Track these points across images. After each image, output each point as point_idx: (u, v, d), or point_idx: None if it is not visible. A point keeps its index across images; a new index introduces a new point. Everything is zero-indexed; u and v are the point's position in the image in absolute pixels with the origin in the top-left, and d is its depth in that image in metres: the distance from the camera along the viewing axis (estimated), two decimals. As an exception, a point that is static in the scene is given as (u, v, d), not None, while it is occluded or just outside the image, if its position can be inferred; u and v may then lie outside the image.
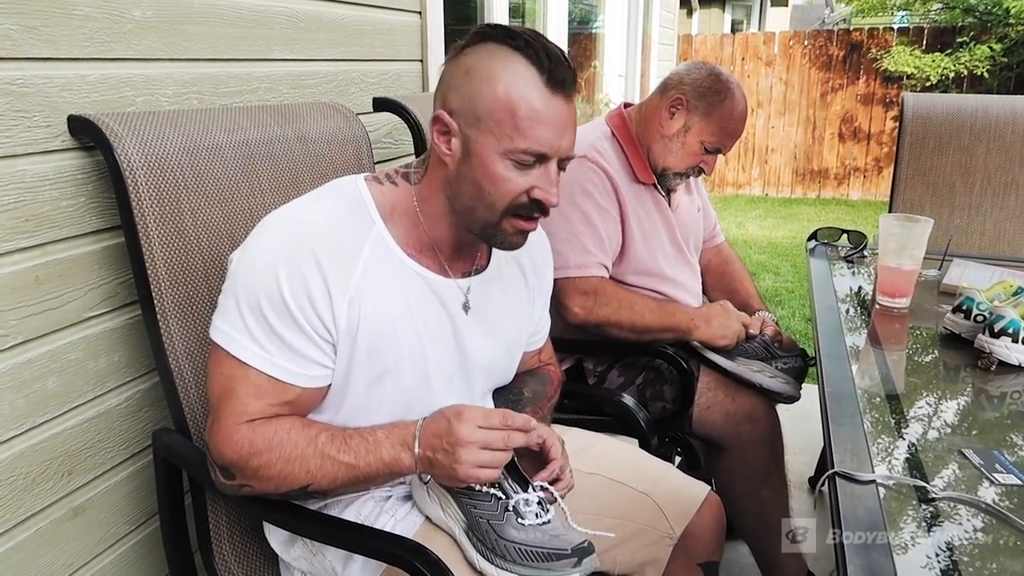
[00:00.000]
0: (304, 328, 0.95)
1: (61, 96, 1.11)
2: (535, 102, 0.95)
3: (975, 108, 2.31)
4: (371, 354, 1.00)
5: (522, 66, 0.95)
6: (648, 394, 1.72)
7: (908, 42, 7.41)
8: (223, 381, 0.97)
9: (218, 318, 0.98)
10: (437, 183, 1.02)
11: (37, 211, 1.09)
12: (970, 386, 1.26)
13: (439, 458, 0.97)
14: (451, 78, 0.99)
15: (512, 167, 0.97)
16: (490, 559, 0.99)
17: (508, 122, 0.95)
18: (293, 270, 0.94)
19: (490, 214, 0.99)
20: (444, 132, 0.98)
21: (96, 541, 1.24)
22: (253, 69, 1.49)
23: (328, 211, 1.01)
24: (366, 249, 0.99)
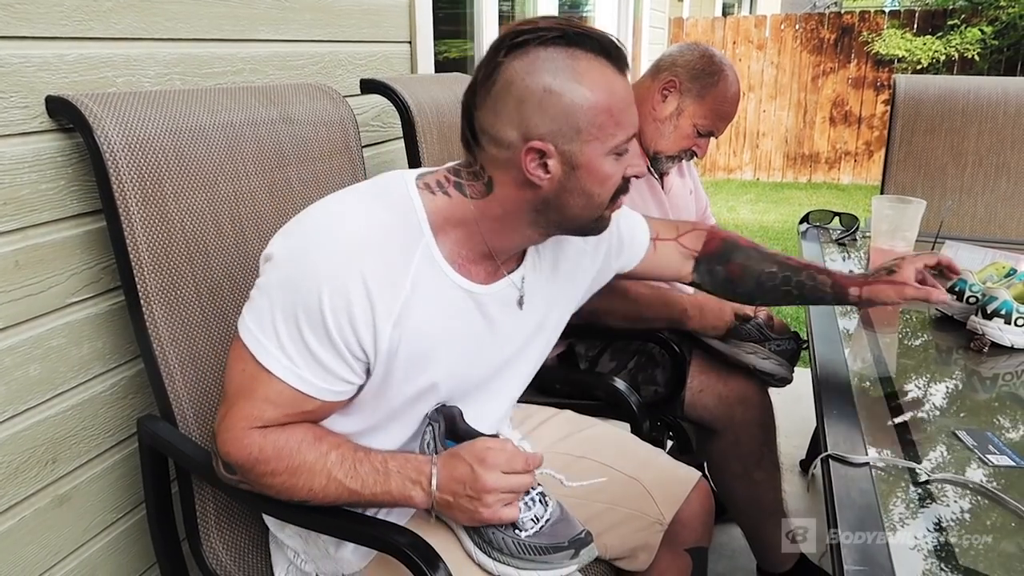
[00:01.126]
0: (338, 347, 0.90)
1: (38, 76, 1.09)
2: (618, 91, 0.92)
3: (967, 90, 2.30)
4: (408, 372, 0.97)
5: (593, 61, 0.91)
6: (640, 378, 1.72)
7: (899, 25, 7.40)
8: (243, 378, 0.92)
9: (249, 315, 0.92)
10: (517, 204, 0.95)
11: (15, 195, 1.07)
12: (963, 368, 1.26)
13: (462, 503, 0.95)
14: (525, 102, 0.90)
15: (615, 160, 0.95)
16: (487, 551, 0.98)
17: (608, 122, 0.92)
18: (338, 289, 0.88)
19: (597, 211, 0.98)
20: (538, 158, 0.91)
21: (82, 530, 1.23)
22: (238, 50, 1.46)
23: (379, 222, 0.93)
24: (413, 266, 0.93)
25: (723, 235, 1.34)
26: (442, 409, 1.03)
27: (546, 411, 1.35)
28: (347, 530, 1.01)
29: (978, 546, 0.80)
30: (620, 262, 1.27)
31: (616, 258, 1.25)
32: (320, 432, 0.96)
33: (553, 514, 1.01)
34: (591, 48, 0.91)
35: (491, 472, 0.95)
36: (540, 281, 1.09)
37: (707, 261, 1.32)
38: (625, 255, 1.27)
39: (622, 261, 1.27)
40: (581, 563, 0.98)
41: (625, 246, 1.26)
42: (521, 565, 0.97)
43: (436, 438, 1.02)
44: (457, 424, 1.03)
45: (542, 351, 1.17)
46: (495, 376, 1.09)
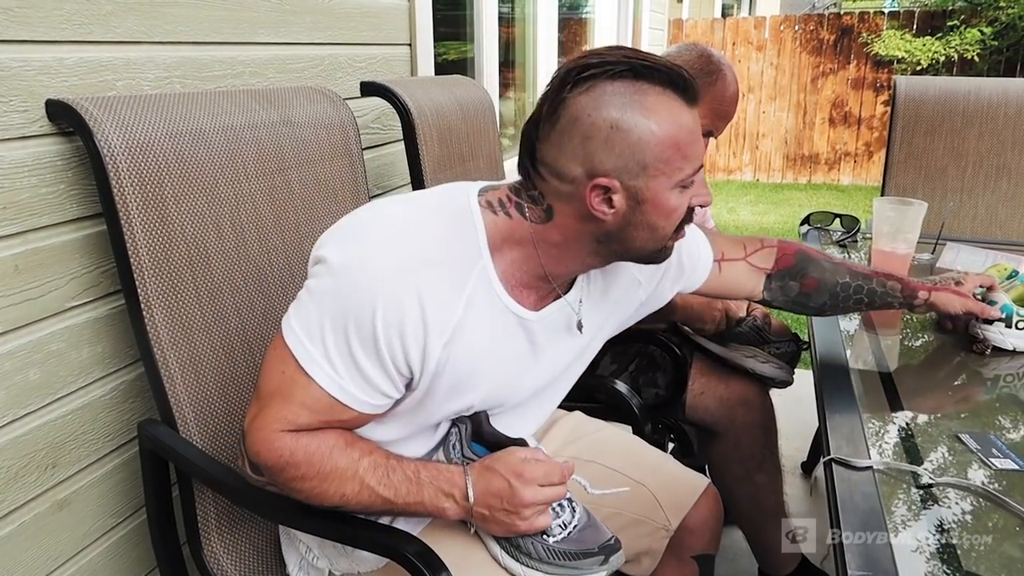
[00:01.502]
0: (385, 362, 0.89)
1: (38, 80, 1.08)
2: (687, 125, 0.91)
3: (967, 91, 2.30)
4: (450, 393, 0.96)
5: (661, 96, 0.89)
6: (641, 380, 1.71)
7: (898, 26, 7.40)
8: (282, 380, 0.90)
9: (295, 319, 0.90)
10: (579, 234, 0.94)
11: (15, 198, 1.07)
12: (965, 370, 1.26)
13: (498, 516, 0.95)
14: (591, 139, 0.88)
15: (680, 192, 0.93)
16: (514, 555, 0.97)
17: (676, 157, 0.90)
18: (393, 304, 0.86)
19: (661, 243, 0.96)
20: (602, 193, 0.90)
21: (82, 534, 1.22)
22: (238, 53, 1.46)
23: (440, 238, 0.92)
24: (469, 286, 0.92)
25: (795, 249, 1.32)
26: (468, 416, 1.03)
27: (555, 412, 1.35)
28: (354, 536, 1.00)
29: (981, 550, 0.80)
30: (680, 286, 1.25)
31: (674, 283, 1.23)
32: (351, 438, 0.95)
33: (581, 520, 1.00)
34: (659, 81, 0.89)
35: (529, 487, 0.94)
36: (589, 307, 1.08)
37: (780, 277, 1.30)
38: (685, 280, 1.25)
39: (682, 285, 1.25)
40: (610, 569, 0.98)
41: (686, 272, 1.23)
42: (550, 571, 0.97)
43: (462, 440, 1.01)
44: (483, 427, 1.02)
45: (579, 373, 1.17)
46: (532, 398, 1.09)
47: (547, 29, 3.76)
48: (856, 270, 1.29)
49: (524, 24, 3.81)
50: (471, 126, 2.00)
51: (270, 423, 0.91)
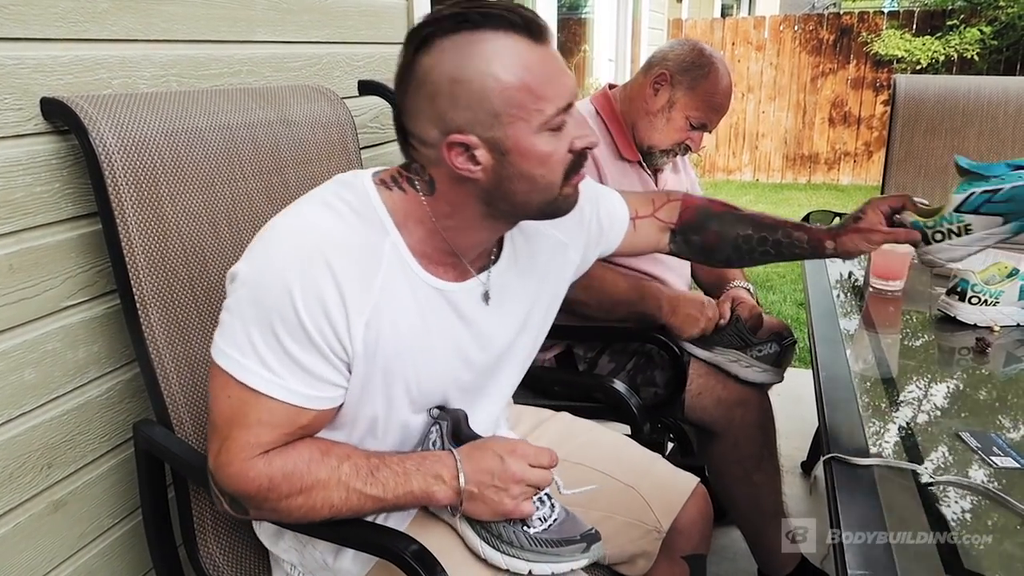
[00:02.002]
0: (321, 348, 0.88)
1: (33, 78, 1.08)
2: (537, 63, 0.87)
3: (967, 90, 2.29)
4: (387, 375, 0.95)
5: (502, 39, 0.86)
6: (639, 380, 1.71)
7: (898, 25, 7.40)
8: (231, 405, 0.89)
9: (221, 339, 0.89)
10: (461, 198, 0.93)
11: (10, 197, 1.06)
12: (966, 369, 1.25)
13: (488, 494, 0.94)
14: (436, 97, 0.87)
15: (551, 136, 0.89)
16: (495, 546, 0.97)
17: (528, 99, 0.86)
18: (308, 285, 0.86)
19: (550, 192, 0.93)
20: (463, 152, 0.88)
21: (78, 535, 1.22)
22: (235, 51, 1.46)
23: (339, 218, 0.91)
24: (384, 264, 0.91)
25: (697, 204, 1.32)
26: (448, 410, 1.03)
27: (541, 413, 1.34)
28: (349, 537, 1.00)
29: (982, 548, 0.79)
30: (601, 248, 1.25)
31: (596, 245, 1.23)
32: (325, 446, 0.94)
33: (560, 515, 1.00)
34: (498, 26, 0.86)
35: (519, 461, 0.95)
36: (517, 277, 1.07)
37: (682, 232, 1.31)
38: (605, 240, 1.25)
39: (603, 246, 1.25)
40: (591, 558, 0.98)
41: (605, 231, 1.23)
42: (532, 558, 0.96)
43: (443, 437, 1.01)
44: (461, 427, 1.02)
45: (530, 350, 1.15)
46: (483, 377, 1.07)
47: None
48: (762, 221, 1.27)
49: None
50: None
51: (236, 455, 0.89)
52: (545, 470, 0.98)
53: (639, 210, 1.30)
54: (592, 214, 1.19)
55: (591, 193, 1.19)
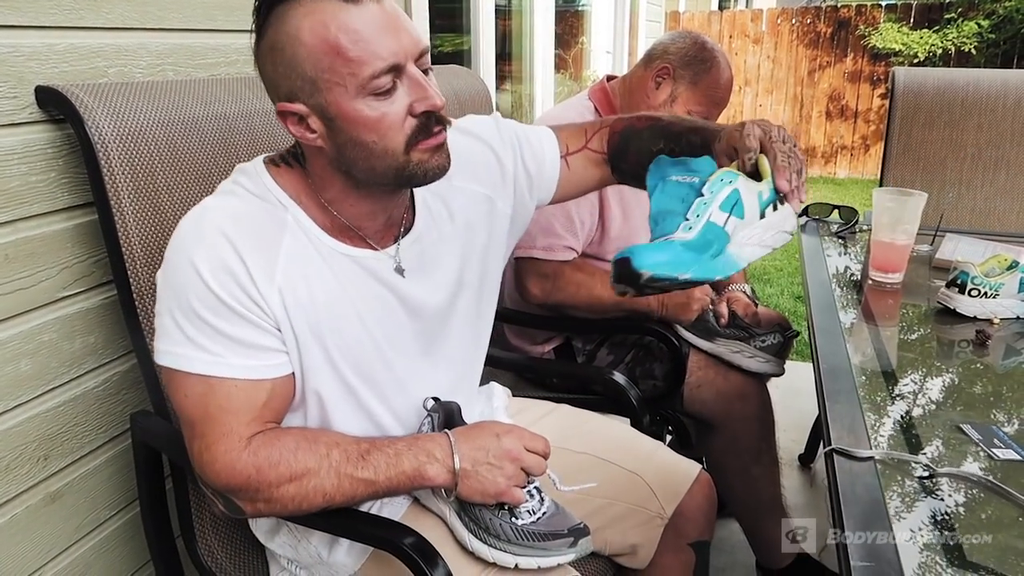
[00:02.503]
0: (244, 315, 0.88)
1: (28, 66, 1.07)
2: (347, 23, 0.83)
3: (966, 83, 2.28)
4: (318, 344, 0.94)
5: (312, 3, 0.84)
6: (638, 372, 1.70)
7: (896, 19, 7.38)
8: (191, 404, 0.89)
9: (159, 341, 0.90)
10: (323, 168, 0.93)
11: (5, 187, 1.05)
12: (966, 361, 1.25)
13: (481, 472, 0.94)
14: (264, 67, 0.89)
15: (376, 101, 0.86)
16: (483, 538, 0.97)
17: (339, 61, 0.83)
18: (212, 259, 0.86)
19: (392, 159, 0.89)
20: (298, 121, 0.88)
21: (75, 527, 1.21)
22: (231, 40, 1.44)
23: (237, 198, 0.93)
24: (287, 236, 0.92)
25: (623, 125, 1.18)
26: (442, 403, 1.02)
27: (543, 406, 1.34)
28: (340, 526, 1.00)
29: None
30: (538, 193, 1.18)
31: (530, 192, 1.17)
32: (312, 434, 0.94)
33: (549, 509, 1.00)
34: None
35: (515, 440, 0.96)
36: (440, 240, 1.06)
37: (612, 160, 1.19)
38: (538, 186, 1.17)
39: (540, 192, 1.18)
40: (579, 553, 0.98)
41: (534, 176, 1.16)
42: (518, 551, 0.96)
43: (435, 428, 1.01)
44: (454, 419, 1.02)
45: (476, 307, 1.13)
46: (425, 341, 1.06)
47: (544, 21, 3.74)
48: (670, 130, 1.12)
49: (521, 16, 3.79)
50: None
51: (216, 451, 0.89)
52: (539, 457, 0.98)
53: (570, 145, 1.19)
54: (515, 162, 1.14)
55: (511, 139, 1.15)
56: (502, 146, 1.13)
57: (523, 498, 0.97)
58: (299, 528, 1.05)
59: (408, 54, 0.87)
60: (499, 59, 3.30)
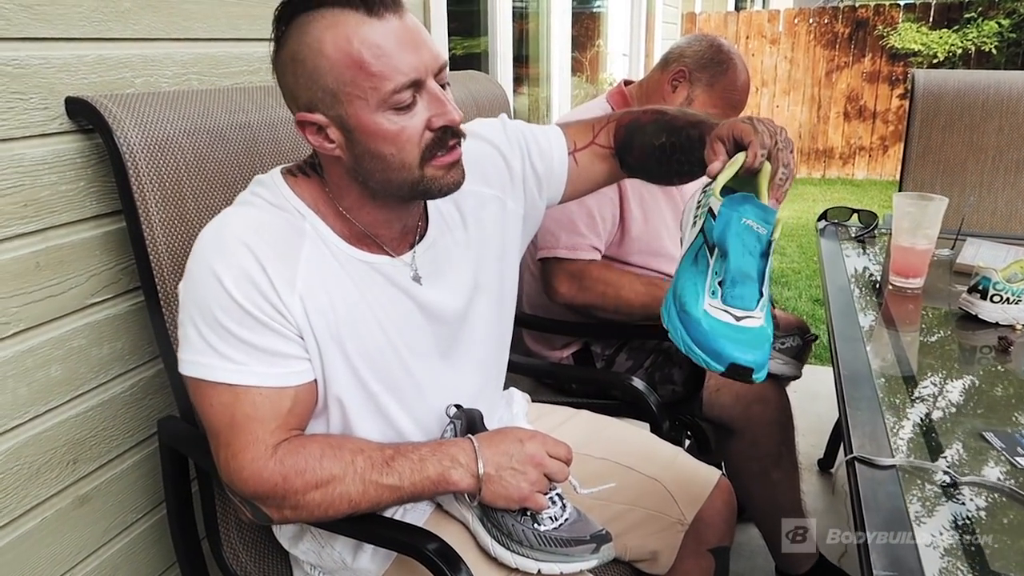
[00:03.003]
0: (267, 323, 0.89)
1: (58, 77, 1.09)
2: (370, 38, 0.84)
3: (987, 85, 2.27)
4: (339, 351, 0.95)
5: (335, 15, 0.85)
6: (657, 377, 1.71)
7: (915, 19, 7.32)
8: (216, 413, 0.90)
9: (182, 351, 0.91)
10: (340, 178, 0.95)
11: (36, 196, 1.07)
12: (988, 367, 1.24)
13: (505, 476, 0.95)
14: (283, 77, 0.91)
15: (396, 115, 0.87)
16: (506, 544, 0.98)
17: (360, 76, 0.85)
18: (233, 269, 0.88)
19: (408, 172, 0.90)
20: (317, 131, 0.90)
21: (103, 530, 1.23)
22: (255, 49, 1.46)
23: (253, 209, 0.95)
24: (306, 244, 0.93)
25: (629, 119, 1.17)
26: (464, 410, 1.03)
27: (563, 412, 1.34)
28: (364, 532, 1.01)
29: (1008, 550, 0.79)
30: (548, 193, 1.18)
31: (539, 192, 1.17)
32: (336, 441, 0.96)
33: (571, 515, 1.01)
34: (337, 2, 0.85)
35: (539, 446, 0.97)
36: (454, 245, 1.07)
37: (619, 154, 1.18)
38: (548, 185, 1.18)
39: (550, 191, 1.19)
40: (601, 559, 0.98)
41: (542, 176, 1.16)
42: (541, 557, 0.97)
43: (457, 435, 1.02)
44: (477, 426, 1.03)
45: (495, 311, 1.13)
46: (445, 346, 1.06)
47: (561, 24, 3.75)
48: (672, 124, 1.11)
49: (538, 19, 3.79)
50: (486, 122, 1.99)
51: (244, 459, 0.90)
52: (561, 463, 0.99)
53: (577, 142, 1.19)
54: (522, 162, 1.15)
55: (518, 140, 1.15)
56: (509, 147, 1.14)
57: (546, 504, 0.97)
58: (323, 534, 1.06)
59: (428, 69, 0.88)
60: (516, 62, 3.31)
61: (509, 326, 1.20)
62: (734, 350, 0.82)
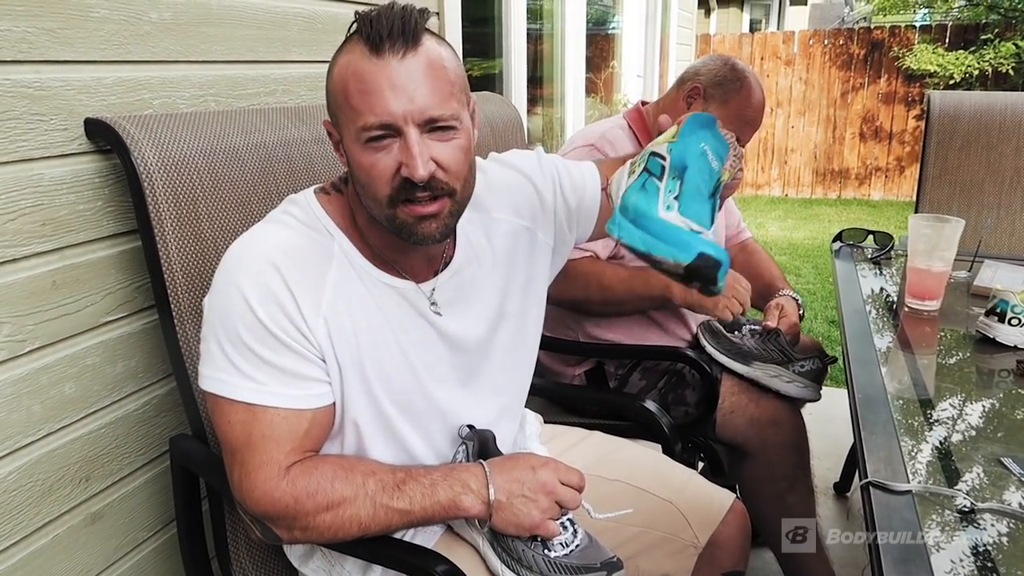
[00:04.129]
0: (290, 346, 0.90)
1: (78, 99, 1.11)
2: (361, 72, 0.86)
3: (1004, 106, 2.26)
4: (359, 372, 0.95)
5: (353, 44, 0.89)
6: (670, 398, 1.70)
7: (930, 40, 7.32)
8: (233, 431, 0.90)
9: (203, 367, 0.92)
10: (355, 193, 0.96)
11: (54, 215, 1.09)
12: (1006, 391, 1.23)
13: (516, 504, 0.95)
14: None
15: (370, 150, 0.88)
16: (516, 570, 0.97)
17: (345, 104, 0.88)
18: (260, 288, 0.88)
19: (380, 207, 0.91)
20: (336, 143, 0.95)
21: (114, 548, 1.23)
22: (271, 71, 1.48)
23: (287, 228, 0.95)
24: (333, 266, 0.94)
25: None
26: (476, 430, 1.03)
27: (576, 433, 1.34)
28: (374, 552, 1.01)
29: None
30: (578, 227, 1.19)
31: (569, 225, 1.18)
32: (349, 463, 0.95)
33: (583, 542, 1.00)
34: (360, 31, 0.88)
35: (551, 474, 0.97)
36: (480, 272, 1.07)
37: None
38: (577, 219, 1.18)
39: (580, 227, 1.19)
40: None
41: (573, 210, 1.17)
42: None
43: (469, 457, 1.01)
44: (489, 447, 1.02)
45: (516, 339, 1.13)
46: (464, 373, 1.06)
47: (575, 45, 3.77)
48: None
49: (552, 40, 3.82)
50: (499, 142, 2.00)
51: (256, 479, 0.90)
52: (574, 491, 0.98)
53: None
54: (554, 195, 1.15)
55: (551, 173, 1.16)
56: (543, 179, 1.15)
57: (557, 531, 0.97)
58: (333, 553, 1.06)
59: (409, 118, 0.87)
60: (530, 83, 3.33)
61: (532, 356, 1.20)
62: (700, 243, 0.79)
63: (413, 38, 0.87)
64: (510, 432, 1.18)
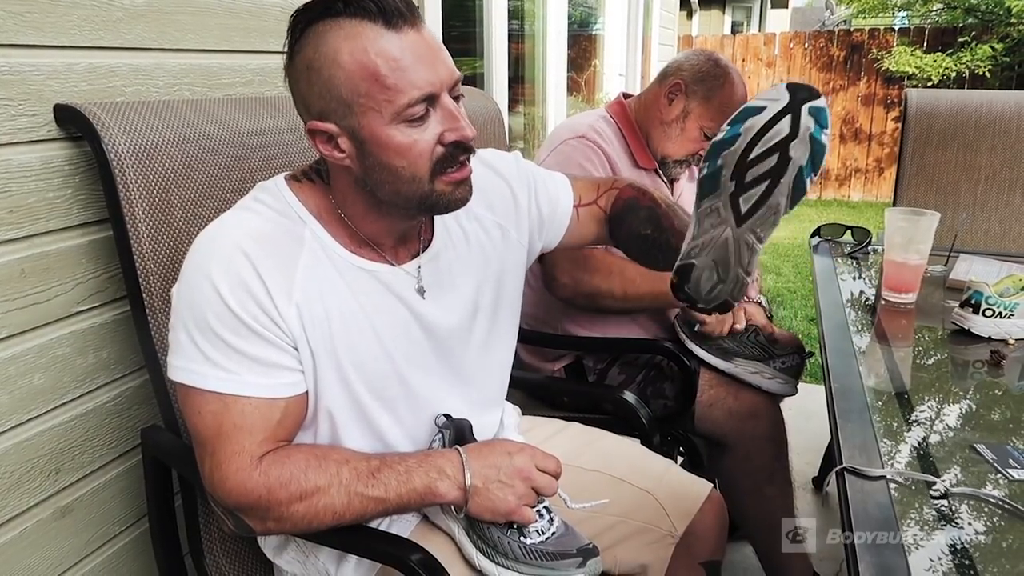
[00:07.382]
0: (261, 334, 0.88)
1: (47, 84, 1.09)
2: (386, 50, 0.84)
3: (979, 104, 2.28)
4: (332, 361, 0.94)
5: (353, 26, 0.84)
6: (649, 392, 1.70)
7: (909, 42, 7.40)
8: (203, 421, 0.89)
9: (173, 356, 0.90)
10: (347, 187, 0.94)
11: (22, 202, 1.07)
12: (980, 381, 1.24)
13: (492, 489, 0.94)
14: (297, 84, 0.90)
15: (409, 128, 0.86)
16: (491, 557, 0.96)
17: (375, 89, 0.84)
18: (230, 275, 0.87)
19: (418, 185, 0.90)
20: (328, 140, 0.89)
21: (84, 542, 1.21)
22: (247, 61, 1.47)
23: (256, 215, 0.93)
24: (304, 252, 0.92)
25: (629, 194, 1.16)
26: (453, 420, 1.02)
27: (553, 424, 1.33)
28: (348, 542, 0.99)
29: (998, 561, 0.77)
30: (544, 237, 1.19)
31: (539, 233, 1.17)
32: (322, 451, 0.94)
33: (558, 530, 1.00)
34: (355, 12, 0.84)
35: (528, 459, 0.96)
36: (457, 259, 1.06)
37: (610, 223, 1.18)
38: (547, 229, 1.18)
39: (546, 236, 1.19)
40: (588, 573, 0.97)
41: (546, 219, 1.17)
42: (526, 570, 0.96)
43: (445, 444, 1.01)
44: (466, 437, 1.02)
45: (491, 333, 1.12)
46: (446, 363, 1.06)
47: (557, 45, 3.78)
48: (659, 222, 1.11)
49: (534, 40, 3.82)
50: (479, 137, 1.99)
51: (228, 469, 0.88)
52: (550, 477, 0.98)
53: (583, 197, 1.20)
54: (528, 200, 1.15)
55: (528, 179, 1.15)
56: (519, 183, 1.14)
57: (533, 517, 0.96)
58: (307, 544, 1.05)
59: (443, 83, 0.87)
60: (512, 82, 3.33)
61: (508, 353, 1.19)
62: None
63: (411, 9, 0.87)
64: (490, 428, 1.17)
